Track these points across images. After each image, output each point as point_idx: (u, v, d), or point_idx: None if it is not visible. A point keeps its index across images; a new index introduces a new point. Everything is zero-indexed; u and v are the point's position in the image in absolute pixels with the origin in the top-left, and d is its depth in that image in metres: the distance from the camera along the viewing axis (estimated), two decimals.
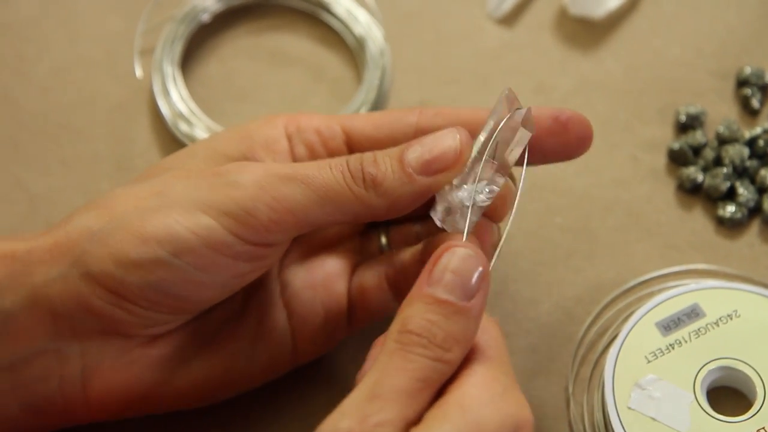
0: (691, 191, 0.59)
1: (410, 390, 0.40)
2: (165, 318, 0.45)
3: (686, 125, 0.61)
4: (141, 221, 0.43)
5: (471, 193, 0.45)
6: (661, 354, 0.52)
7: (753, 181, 0.58)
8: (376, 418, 0.39)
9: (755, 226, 0.58)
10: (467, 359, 0.42)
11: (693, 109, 0.61)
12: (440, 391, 0.41)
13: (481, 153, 0.46)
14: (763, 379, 0.51)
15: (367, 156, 0.45)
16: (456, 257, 0.42)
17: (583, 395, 0.53)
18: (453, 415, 0.39)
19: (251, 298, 0.48)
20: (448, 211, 0.46)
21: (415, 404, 0.40)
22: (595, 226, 0.58)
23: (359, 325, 0.50)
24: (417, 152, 0.45)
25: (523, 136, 0.46)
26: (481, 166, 0.46)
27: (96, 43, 0.64)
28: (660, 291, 0.55)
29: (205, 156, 0.47)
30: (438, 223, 0.46)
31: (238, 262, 0.44)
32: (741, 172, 0.59)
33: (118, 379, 0.45)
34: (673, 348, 0.52)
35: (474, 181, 0.45)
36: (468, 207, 0.45)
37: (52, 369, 0.45)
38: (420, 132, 0.48)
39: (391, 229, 0.51)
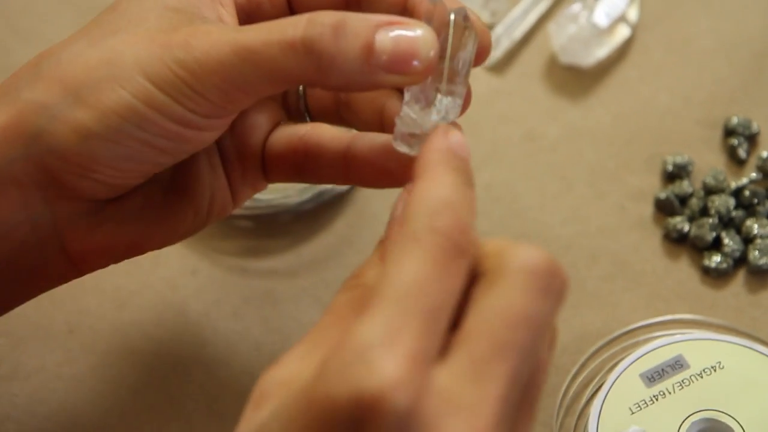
0: (677, 241, 0.59)
1: None
2: (131, 182, 0.45)
3: (673, 174, 0.61)
4: (98, 94, 0.43)
5: (442, 113, 0.43)
6: (645, 405, 0.52)
7: (739, 231, 0.59)
8: None
9: (741, 277, 0.58)
10: None
11: (680, 159, 0.61)
12: None
13: (439, 68, 0.43)
14: (746, 431, 0.51)
15: (328, 26, 0.42)
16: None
17: None
18: None
19: None
20: (415, 136, 0.43)
21: None
22: (581, 276, 0.58)
23: (277, 181, 0.50)
24: (387, 46, 0.42)
25: (469, 35, 0.43)
26: (445, 78, 0.43)
27: None
28: (645, 341, 0.55)
29: (157, 16, 0.45)
30: (405, 150, 0.43)
31: (201, 132, 0.44)
32: (727, 223, 0.59)
33: (98, 237, 0.46)
34: (656, 399, 0.52)
35: (439, 98, 0.43)
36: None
37: (30, 241, 0.45)
38: None
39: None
